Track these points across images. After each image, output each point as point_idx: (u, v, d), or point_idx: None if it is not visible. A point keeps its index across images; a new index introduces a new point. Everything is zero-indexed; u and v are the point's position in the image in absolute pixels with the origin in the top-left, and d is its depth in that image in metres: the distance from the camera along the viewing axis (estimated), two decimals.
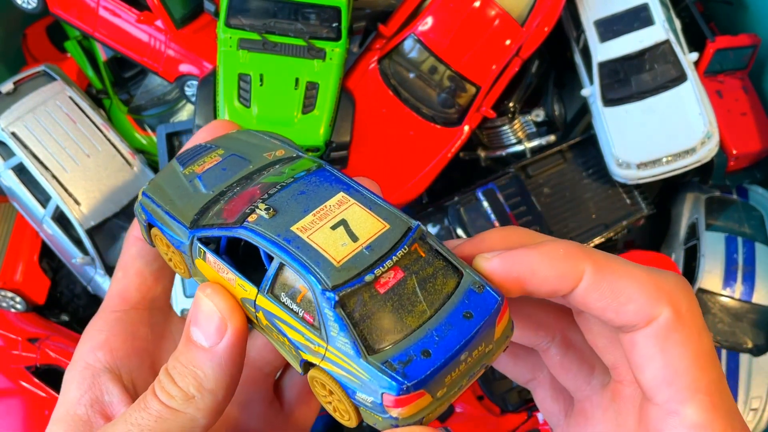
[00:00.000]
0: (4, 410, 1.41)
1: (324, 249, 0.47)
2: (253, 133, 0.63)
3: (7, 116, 1.48)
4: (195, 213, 0.55)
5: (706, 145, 1.47)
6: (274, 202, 0.51)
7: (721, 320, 1.53)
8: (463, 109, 1.52)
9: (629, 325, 0.49)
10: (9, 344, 1.49)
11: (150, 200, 0.57)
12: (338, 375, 0.46)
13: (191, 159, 0.60)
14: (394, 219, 0.50)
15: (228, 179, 0.57)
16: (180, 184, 0.58)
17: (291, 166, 0.57)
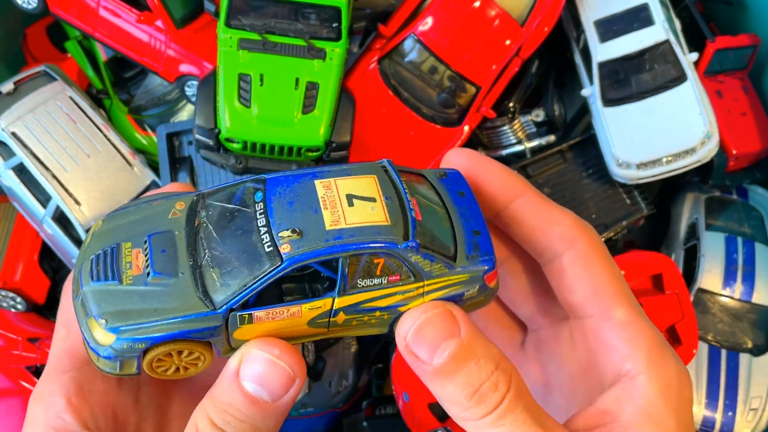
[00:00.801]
0: (4, 410, 1.41)
1: (367, 221, 0.52)
2: (120, 213, 0.58)
3: (8, 116, 1.49)
4: (198, 295, 0.51)
5: (706, 145, 1.47)
6: (283, 225, 0.52)
7: (721, 320, 1.53)
8: (463, 109, 1.52)
9: (553, 247, 0.59)
10: (9, 344, 1.49)
11: (131, 328, 0.51)
12: (443, 295, 0.55)
13: (111, 272, 0.53)
14: (369, 169, 0.57)
15: (180, 254, 0.53)
16: (140, 295, 0.52)
17: (234, 199, 0.55)
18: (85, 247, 0.55)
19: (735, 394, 1.46)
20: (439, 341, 0.51)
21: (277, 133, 1.31)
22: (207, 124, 1.34)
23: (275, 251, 0.51)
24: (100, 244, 0.55)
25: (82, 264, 0.54)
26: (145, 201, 0.57)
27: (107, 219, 0.57)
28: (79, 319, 0.53)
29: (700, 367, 1.49)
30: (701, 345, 1.50)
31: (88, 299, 0.52)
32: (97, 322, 0.51)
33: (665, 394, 0.54)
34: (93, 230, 0.57)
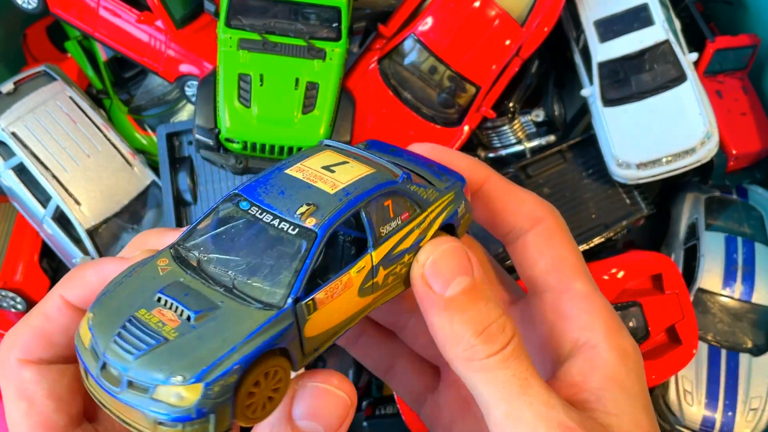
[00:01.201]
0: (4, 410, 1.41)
1: (357, 175, 0.54)
2: (105, 297, 0.52)
3: (8, 116, 1.49)
4: (255, 307, 0.49)
5: (706, 145, 1.47)
6: (292, 207, 0.52)
7: (721, 320, 1.53)
8: (463, 109, 1.52)
9: (519, 227, 0.61)
10: None
11: (214, 366, 0.46)
12: (446, 218, 0.58)
13: (149, 336, 0.47)
14: (318, 149, 0.59)
15: (204, 290, 0.50)
16: (198, 337, 0.47)
17: (221, 223, 0.54)
18: (89, 345, 0.49)
19: (735, 394, 1.46)
20: (454, 274, 0.52)
21: (277, 133, 1.31)
22: (207, 124, 1.34)
23: (302, 229, 0.50)
24: (109, 329, 0.48)
25: (105, 354, 0.47)
26: (123, 276, 0.52)
27: (96, 308, 0.50)
28: (139, 406, 0.46)
29: (700, 367, 1.49)
30: (701, 345, 1.50)
31: (143, 374, 0.46)
32: (171, 385, 0.45)
33: (625, 361, 0.56)
34: (88, 323, 0.49)
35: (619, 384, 0.54)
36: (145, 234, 0.60)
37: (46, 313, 0.56)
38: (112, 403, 0.48)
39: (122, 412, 0.48)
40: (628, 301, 1.47)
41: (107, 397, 0.48)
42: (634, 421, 0.54)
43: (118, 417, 0.48)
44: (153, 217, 1.60)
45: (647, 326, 1.46)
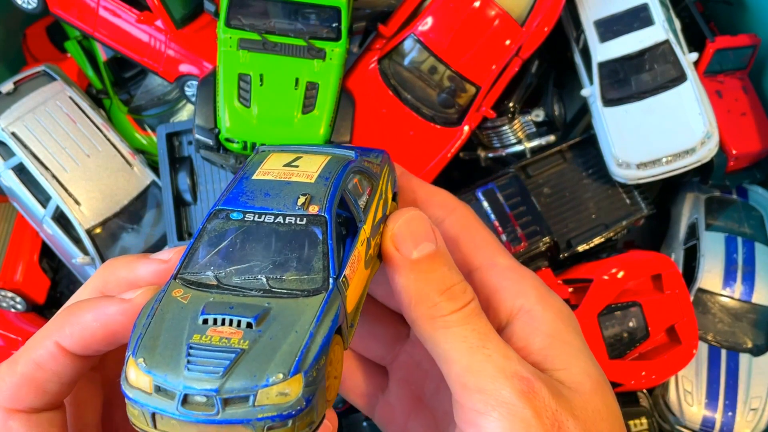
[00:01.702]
0: None
1: (320, 164, 0.57)
2: (142, 342, 0.50)
3: (7, 116, 1.49)
4: (304, 296, 0.49)
5: (706, 145, 1.47)
6: (288, 203, 0.54)
7: (721, 320, 1.53)
8: (463, 109, 1.52)
9: (434, 216, 0.66)
10: (9, 344, 1.49)
11: (304, 353, 0.46)
12: (392, 184, 0.63)
13: (221, 354, 0.47)
14: (261, 154, 0.63)
15: (244, 300, 0.50)
16: (270, 338, 0.48)
17: (219, 239, 0.54)
18: (152, 387, 0.47)
19: (735, 394, 1.46)
20: (420, 238, 0.56)
21: (277, 133, 1.31)
22: (207, 124, 1.34)
23: (310, 217, 0.52)
24: (172, 364, 0.47)
25: (185, 386, 0.46)
26: (147, 318, 0.50)
27: (141, 353, 0.48)
28: (244, 419, 0.46)
29: (700, 367, 1.49)
30: (701, 345, 1.50)
31: (237, 387, 0.45)
32: (272, 385, 0.45)
33: (562, 318, 0.59)
34: (140, 369, 0.47)
35: (560, 340, 0.58)
36: (111, 265, 0.59)
37: (38, 362, 0.54)
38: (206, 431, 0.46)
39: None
40: (628, 301, 1.47)
41: (197, 428, 0.46)
42: (583, 372, 0.57)
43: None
44: (153, 217, 1.60)
45: (647, 326, 1.46)
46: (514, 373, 0.52)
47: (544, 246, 1.51)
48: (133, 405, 0.48)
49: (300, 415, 0.46)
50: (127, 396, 0.48)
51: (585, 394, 0.55)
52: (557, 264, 1.56)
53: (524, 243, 1.50)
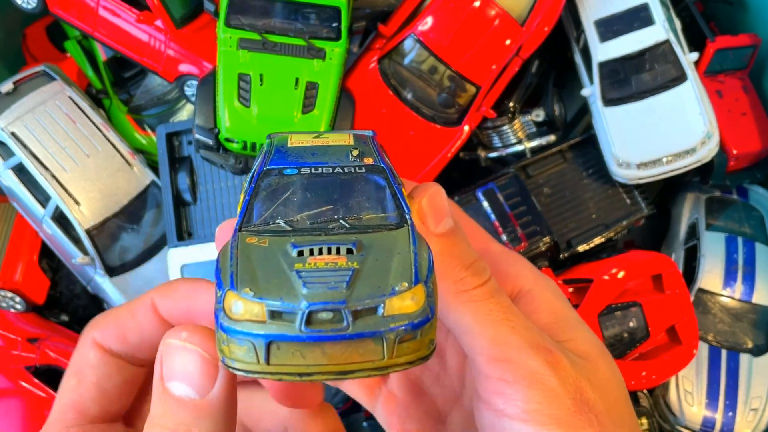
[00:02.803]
0: (4, 410, 1.41)
1: (349, 133, 0.56)
2: (238, 266, 0.47)
3: (7, 116, 1.48)
4: (392, 225, 0.49)
5: (707, 145, 1.47)
6: (341, 156, 0.53)
7: (721, 320, 1.53)
8: (463, 109, 1.52)
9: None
10: (9, 344, 1.49)
11: (422, 261, 0.46)
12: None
13: (328, 274, 0.44)
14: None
15: (329, 238, 0.47)
16: (376, 260, 0.46)
17: (284, 190, 0.52)
18: (267, 314, 0.43)
19: (735, 394, 1.46)
20: (443, 214, 0.54)
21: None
22: (207, 123, 1.34)
23: (369, 167, 0.52)
24: (285, 288, 0.44)
25: (310, 304, 0.43)
26: (230, 260, 0.46)
27: (245, 284, 0.44)
28: (375, 331, 0.43)
29: (701, 367, 1.49)
30: (701, 345, 1.50)
31: (365, 299, 0.43)
32: (400, 293, 0.43)
33: (557, 296, 0.60)
34: (249, 299, 0.43)
35: (561, 316, 0.59)
36: (186, 294, 0.55)
37: (133, 311, 0.55)
38: (333, 353, 0.43)
39: (347, 356, 0.43)
40: (628, 301, 1.47)
41: (323, 351, 0.43)
42: (587, 341, 0.59)
43: (336, 372, 0.43)
44: (152, 216, 1.60)
45: (647, 326, 1.46)
46: (538, 344, 0.54)
47: (544, 246, 1.51)
48: (241, 341, 0.43)
49: (425, 326, 0.44)
50: (231, 331, 0.43)
51: (593, 361, 0.58)
52: (557, 264, 1.56)
53: (524, 243, 1.50)
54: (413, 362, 0.45)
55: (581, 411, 0.54)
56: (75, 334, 1.59)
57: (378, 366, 0.44)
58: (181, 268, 1.48)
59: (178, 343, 0.46)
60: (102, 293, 1.58)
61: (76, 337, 1.56)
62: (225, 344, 0.43)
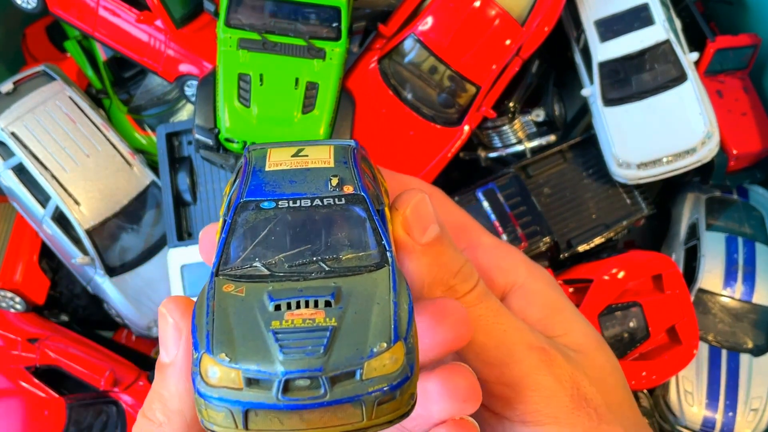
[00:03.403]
0: (4, 410, 1.41)
1: (330, 148, 0.55)
2: (214, 325, 0.46)
3: (7, 116, 1.48)
4: (373, 267, 0.48)
5: (707, 145, 1.47)
6: (319, 186, 0.52)
7: (722, 320, 1.52)
8: (463, 108, 1.52)
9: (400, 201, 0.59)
10: (9, 344, 1.49)
11: (409, 325, 0.44)
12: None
13: (313, 340, 0.43)
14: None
15: (308, 285, 0.46)
16: (354, 316, 0.44)
17: (260, 230, 0.51)
18: (243, 382, 0.42)
19: (735, 394, 1.46)
20: (428, 221, 0.54)
21: (277, 133, 1.31)
22: (207, 123, 1.34)
23: (348, 197, 0.50)
24: (261, 352, 0.43)
25: (286, 372, 0.42)
26: (206, 318, 0.46)
27: (220, 347, 0.43)
28: (353, 396, 0.42)
29: (701, 367, 1.49)
30: (702, 345, 1.50)
31: (342, 363, 0.42)
32: (378, 355, 0.43)
33: (552, 287, 0.60)
34: (224, 364, 0.42)
35: (555, 308, 0.59)
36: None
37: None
38: (311, 419, 0.42)
39: (325, 421, 0.43)
40: (628, 301, 1.46)
41: (300, 417, 0.42)
42: (582, 334, 0.59)
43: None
44: (152, 217, 1.60)
45: (648, 326, 1.45)
46: (531, 344, 0.54)
47: (544, 246, 1.51)
48: (219, 407, 0.42)
49: (405, 385, 0.43)
50: (208, 398, 0.42)
51: (590, 354, 0.58)
52: (558, 264, 1.56)
53: (525, 243, 1.50)
54: (392, 421, 0.44)
55: (579, 407, 0.54)
56: (75, 334, 1.59)
57: (357, 428, 0.43)
58: (181, 268, 1.48)
59: (161, 311, 0.50)
60: (102, 293, 1.58)
61: (76, 337, 1.56)
62: (203, 408, 0.43)
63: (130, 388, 1.47)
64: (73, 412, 1.42)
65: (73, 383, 1.47)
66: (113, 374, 1.45)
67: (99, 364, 1.48)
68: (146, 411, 0.49)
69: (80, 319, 1.70)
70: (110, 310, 1.61)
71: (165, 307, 0.50)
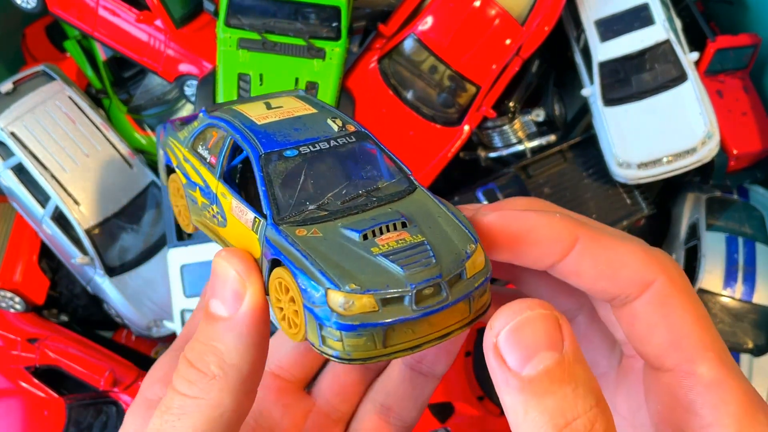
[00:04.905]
0: (4, 410, 1.41)
1: (302, 100, 0.61)
2: (321, 263, 0.48)
3: (7, 116, 1.48)
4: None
5: (707, 145, 1.47)
6: (328, 127, 0.55)
7: (722, 320, 1.52)
8: (463, 108, 1.52)
9: (624, 294, 0.49)
10: (8, 344, 1.49)
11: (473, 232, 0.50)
12: None
13: (410, 250, 0.48)
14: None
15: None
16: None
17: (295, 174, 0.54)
18: (378, 304, 0.46)
19: None
20: (538, 349, 0.41)
21: None
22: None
23: (356, 134, 0.54)
24: (386, 275, 0.46)
25: (414, 284, 0.45)
26: (304, 257, 0.47)
27: (346, 280, 0.46)
28: (467, 292, 0.47)
29: None
30: None
31: (451, 266, 0.47)
32: (473, 254, 0.48)
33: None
34: (358, 294, 0.45)
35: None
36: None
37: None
38: (436, 321, 0.47)
39: (446, 321, 0.47)
40: None
41: (429, 322, 0.46)
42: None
43: (439, 337, 0.47)
44: (152, 216, 1.60)
45: None
46: None
47: None
48: (360, 333, 0.45)
49: (489, 278, 0.49)
50: (349, 327, 0.45)
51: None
52: None
53: None
54: (485, 310, 0.50)
55: None
56: (74, 334, 1.59)
57: (466, 322, 0.48)
58: (181, 268, 1.48)
59: (217, 261, 0.49)
60: (101, 293, 1.57)
61: (75, 337, 1.56)
62: (337, 340, 0.46)
63: (130, 388, 1.47)
64: (72, 412, 1.42)
65: (73, 383, 1.47)
66: (113, 374, 1.45)
67: (99, 364, 1.47)
68: (196, 362, 0.47)
69: (80, 319, 1.70)
70: (110, 310, 1.61)
71: (226, 260, 0.49)
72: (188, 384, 0.47)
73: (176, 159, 0.63)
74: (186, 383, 0.47)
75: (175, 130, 0.64)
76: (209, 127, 0.58)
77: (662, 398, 0.50)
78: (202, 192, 0.58)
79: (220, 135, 0.56)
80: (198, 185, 0.58)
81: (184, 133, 0.62)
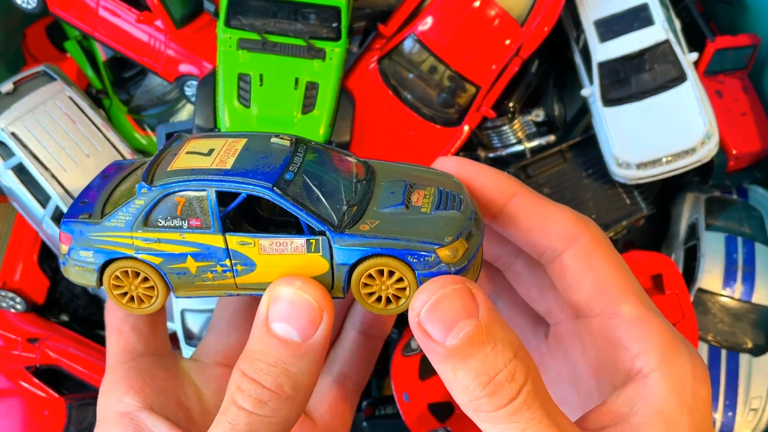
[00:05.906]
0: (4, 410, 1.41)
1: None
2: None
3: (7, 116, 1.48)
4: None
5: (706, 145, 1.47)
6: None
7: (721, 320, 1.53)
8: (462, 109, 1.52)
9: (552, 247, 0.57)
10: (9, 344, 1.49)
11: None
12: None
13: (448, 200, 0.59)
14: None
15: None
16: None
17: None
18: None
19: (735, 394, 1.46)
20: (456, 320, 0.47)
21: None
22: (206, 124, 1.34)
23: (298, 141, 0.60)
24: (451, 223, 0.56)
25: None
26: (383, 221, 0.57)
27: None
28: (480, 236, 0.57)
29: None
30: (701, 345, 1.50)
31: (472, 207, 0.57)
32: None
33: (679, 392, 0.51)
34: (456, 248, 0.55)
35: (666, 419, 0.50)
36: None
37: None
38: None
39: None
40: None
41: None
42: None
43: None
44: None
45: None
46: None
47: None
48: (467, 268, 0.55)
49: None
50: (463, 269, 0.54)
51: None
52: None
53: None
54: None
55: None
56: (75, 334, 1.59)
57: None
58: None
59: (290, 290, 0.52)
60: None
61: (75, 337, 1.57)
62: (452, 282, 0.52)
63: None
64: (73, 412, 1.43)
65: (73, 383, 1.47)
66: None
67: (99, 364, 1.48)
68: (268, 383, 0.50)
69: (80, 319, 1.70)
70: None
71: (302, 289, 0.52)
72: (260, 404, 0.50)
73: (124, 247, 0.57)
74: (257, 403, 0.50)
75: (89, 226, 0.58)
76: (165, 197, 0.55)
77: (595, 343, 0.57)
78: (197, 257, 0.56)
79: (189, 197, 0.55)
80: (187, 254, 0.56)
81: (116, 221, 0.57)
